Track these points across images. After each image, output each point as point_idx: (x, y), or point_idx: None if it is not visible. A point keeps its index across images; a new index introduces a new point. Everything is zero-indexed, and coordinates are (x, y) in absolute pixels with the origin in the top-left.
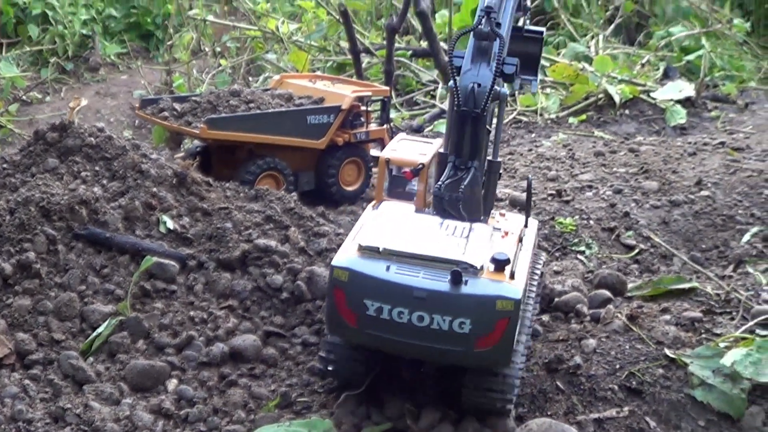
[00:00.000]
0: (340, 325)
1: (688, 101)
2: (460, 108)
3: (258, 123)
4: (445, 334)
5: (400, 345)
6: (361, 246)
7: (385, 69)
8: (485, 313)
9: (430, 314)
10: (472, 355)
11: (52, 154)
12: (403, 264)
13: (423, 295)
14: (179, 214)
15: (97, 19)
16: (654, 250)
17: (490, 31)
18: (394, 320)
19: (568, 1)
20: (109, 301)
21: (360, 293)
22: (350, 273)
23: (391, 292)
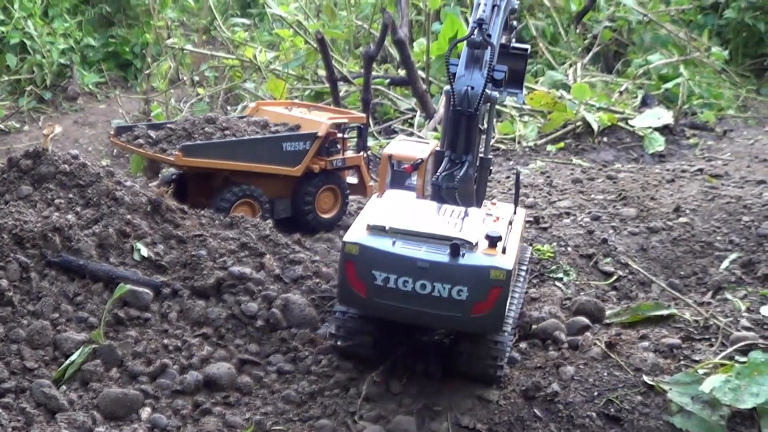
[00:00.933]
0: (351, 296)
1: (667, 129)
2: (455, 108)
3: (233, 150)
4: (445, 301)
5: (405, 312)
6: (369, 225)
7: (362, 97)
8: (480, 281)
9: (432, 282)
10: (468, 320)
11: (25, 181)
12: (406, 240)
13: (425, 266)
14: (153, 241)
15: (76, 49)
16: (632, 277)
17: (482, 40)
18: (399, 289)
19: (546, 30)
20: (83, 329)
21: (369, 265)
22: (360, 247)
23: (397, 263)
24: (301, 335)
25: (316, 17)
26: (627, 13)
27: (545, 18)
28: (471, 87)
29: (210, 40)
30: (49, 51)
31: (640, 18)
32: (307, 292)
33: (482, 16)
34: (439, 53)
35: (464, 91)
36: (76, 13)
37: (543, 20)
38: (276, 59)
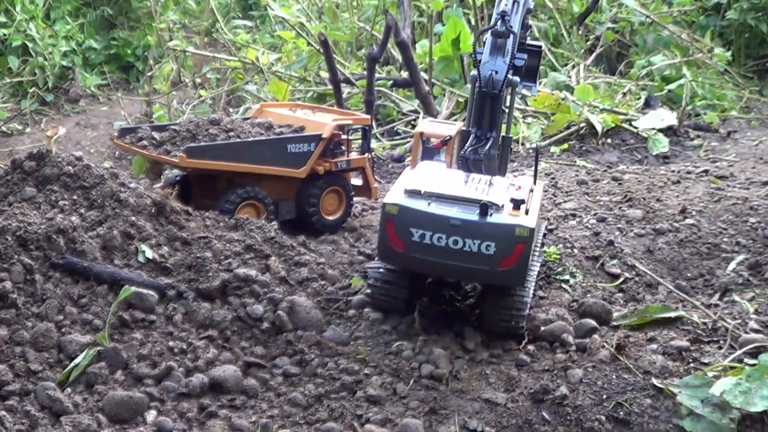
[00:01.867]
0: (390, 252)
1: (670, 130)
2: (482, 90)
3: (238, 152)
4: (474, 255)
5: (438, 266)
6: (407, 189)
7: (365, 99)
8: (506, 238)
9: (463, 239)
10: (495, 273)
11: (29, 183)
12: (440, 202)
13: (458, 223)
14: (158, 243)
15: (77, 51)
16: (639, 279)
17: (505, 30)
18: (434, 244)
19: (549, 31)
20: (87, 331)
21: (407, 223)
22: (399, 207)
23: (432, 221)
24: (307, 338)
25: (318, 19)
26: (629, 15)
27: (548, 19)
28: (495, 72)
29: (211, 42)
30: (51, 53)
31: (642, 19)
32: (312, 295)
33: (504, 9)
34: (441, 55)
35: (489, 75)
36: (77, 15)
37: (545, 22)
38: (278, 61)
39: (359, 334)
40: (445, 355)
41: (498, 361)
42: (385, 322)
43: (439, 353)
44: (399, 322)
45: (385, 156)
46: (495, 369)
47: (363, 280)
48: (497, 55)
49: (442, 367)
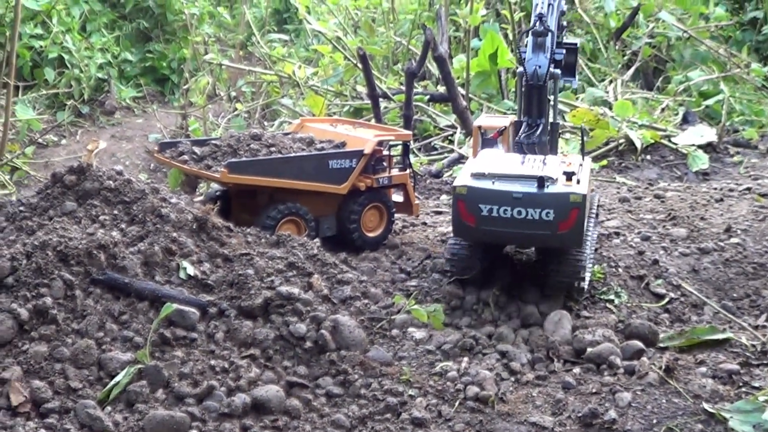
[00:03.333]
0: (464, 227)
1: (710, 146)
2: (528, 83)
3: (279, 167)
4: (536, 222)
5: (506, 235)
6: (472, 172)
7: (404, 113)
8: (562, 204)
9: (525, 208)
10: (555, 237)
11: (69, 197)
12: (502, 180)
13: (519, 196)
14: (199, 259)
15: (113, 63)
16: (684, 299)
17: (543, 29)
18: (501, 216)
19: (586, 46)
20: (128, 348)
21: (476, 200)
22: (467, 188)
23: (497, 196)
24: (351, 357)
25: (355, 33)
26: (666, 30)
27: (585, 34)
28: (538, 66)
29: (246, 56)
30: (86, 65)
31: (679, 34)
32: (355, 313)
33: (541, 12)
34: (479, 70)
35: (534, 69)
36: (113, 27)
37: (582, 36)
38: (314, 75)
39: (403, 354)
40: (490, 376)
41: (544, 383)
42: (429, 341)
43: (484, 375)
44: (443, 341)
45: (422, 171)
46: (541, 391)
47: (405, 298)
48: (539, 52)
49: (487, 389)
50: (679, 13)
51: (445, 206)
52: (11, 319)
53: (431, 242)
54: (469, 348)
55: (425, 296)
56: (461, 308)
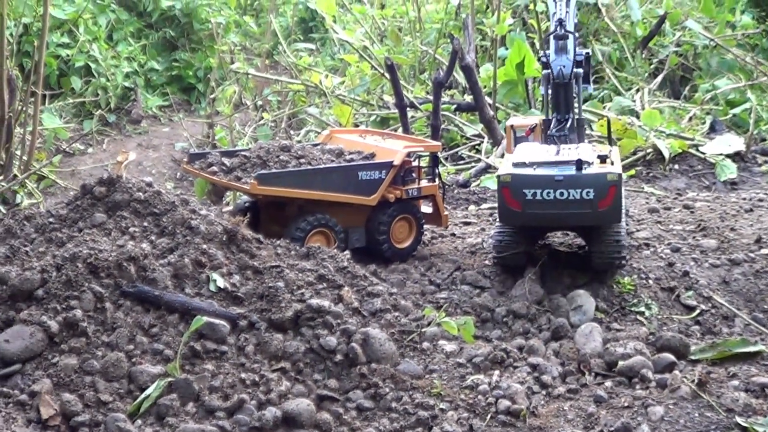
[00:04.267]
0: (510, 213)
1: (738, 155)
2: (555, 82)
3: (309, 179)
4: (577, 202)
5: (550, 216)
6: (514, 162)
7: (431, 123)
8: (600, 183)
9: (567, 190)
10: (596, 214)
11: (99, 208)
12: (542, 166)
13: (561, 179)
14: (229, 272)
15: (140, 72)
16: (715, 311)
17: (564, 32)
18: (544, 199)
19: (613, 55)
20: (158, 361)
21: (520, 186)
22: (511, 176)
23: (540, 181)
24: (381, 371)
25: (381, 42)
26: (693, 38)
27: (611, 43)
28: (563, 66)
29: (272, 65)
30: (113, 74)
31: (706, 42)
32: (386, 326)
33: (561, 17)
34: (506, 79)
35: (559, 69)
36: (140, 36)
37: (609, 45)
38: (341, 84)
39: (434, 367)
40: (521, 389)
41: (576, 396)
42: (460, 354)
43: (515, 388)
44: (474, 354)
45: (449, 181)
46: (573, 405)
47: (435, 310)
48: (562, 53)
49: (519, 403)
50: (706, 21)
51: (474, 217)
52: (41, 331)
53: (461, 253)
54: (500, 361)
55: (455, 308)
56: (492, 320)
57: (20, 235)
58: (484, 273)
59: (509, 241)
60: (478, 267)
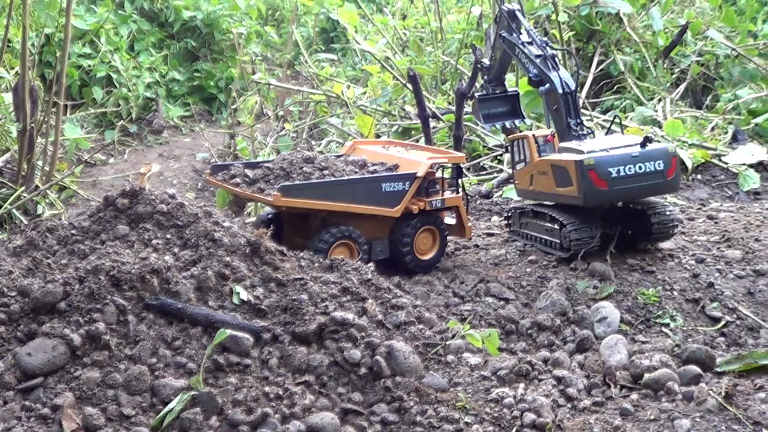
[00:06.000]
0: (597, 192)
1: (760, 165)
2: (564, 93)
3: (332, 190)
4: (652, 174)
5: (633, 190)
6: (586, 151)
7: (454, 134)
8: (666, 156)
9: (644, 163)
10: (666, 182)
11: (122, 220)
12: (612, 149)
13: (636, 155)
14: (253, 284)
15: (161, 83)
16: (740, 322)
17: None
18: (627, 174)
19: (634, 65)
20: (181, 374)
21: (606, 166)
22: (594, 159)
23: (621, 159)
24: (406, 384)
25: (403, 53)
26: (714, 48)
27: (633, 53)
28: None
29: (294, 75)
30: (134, 84)
31: (727, 52)
32: (410, 339)
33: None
34: (527, 89)
35: (561, 81)
36: (161, 47)
37: (631, 55)
38: (363, 94)
39: (458, 380)
40: (547, 402)
41: (601, 409)
42: (484, 367)
43: (541, 401)
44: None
45: (472, 192)
46: (599, 418)
47: (460, 323)
48: (555, 69)
49: (544, 416)
50: (727, 30)
51: (497, 228)
52: (64, 344)
53: (484, 265)
54: (525, 373)
55: (480, 320)
56: (516, 332)
57: (42, 247)
58: (509, 285)
59: (586, 233)
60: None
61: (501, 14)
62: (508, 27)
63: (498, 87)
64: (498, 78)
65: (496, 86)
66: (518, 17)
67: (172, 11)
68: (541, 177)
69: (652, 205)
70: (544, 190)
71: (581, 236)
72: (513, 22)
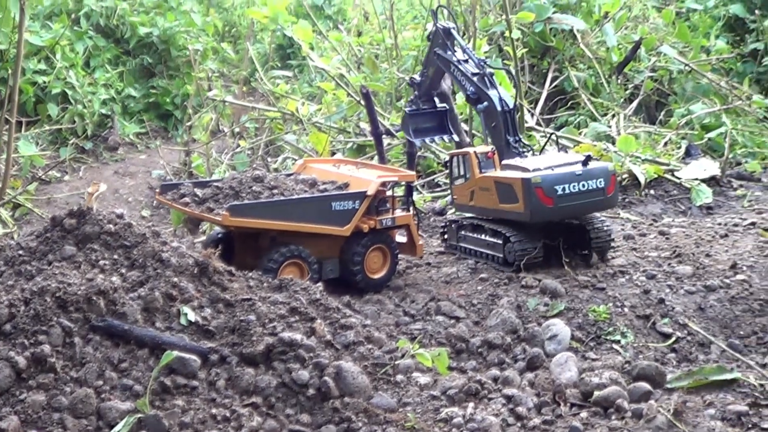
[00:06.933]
0: (543, 209)
1: (713, 180)
2: (504, 111)
3: (282, 210)
4: (594, 191)
5: (576, 207)
6: (531, 168)
7: (407, 151)
8: (606, 174)
9: (586, 181)
10: (606, 199)
11: (69, 241)
12: (555, 167)
13: (580, 173)
14: (201, 305)
15: (117, 99)
16: (691, 338)
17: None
18: (571, 192)
19: (588, 81)
20: (127, 397)
21: (552, 184)
22: (541, 177)
23: (566, 177)
24: (354, 404)
25: (358, 69)
26: (668, 63)
27: (587, 69)
28: (500, 98)
29: (250, 92)
30: (90, 101)
31: (680, 67)
32: (359, 359)
33: (479, 57)
34: None
35: (500, 99)
36: (117, 63)
37: (584, 71)
38: (318, 112)
39: (408, 400)
40: (496, 422)
41: (551, 428)
42: (434, 387)
43: (490, 421)
44: (448, 386)
45: (426, 209)
46: None
47: (410, 342)
48: (491, 87)
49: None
50: (681, 46)
51: None
52: (8, 367)
53: (435, 283)
54: (475, 393)
55: (430, 339)
56: (467, 351)
57: None
58: (460, 303)
59: (529, 246)
60: (453, 297)
61: (436, 31)
62: (443, 44)
63: (427, 103)
64: (428, 94)
65: (425, 102)
66: (453, 35)
67: (128, 27)
68: (483, 193)
69: (589, 220)
70: (486, 205)
71: (525, 248)
72: (448, 40)
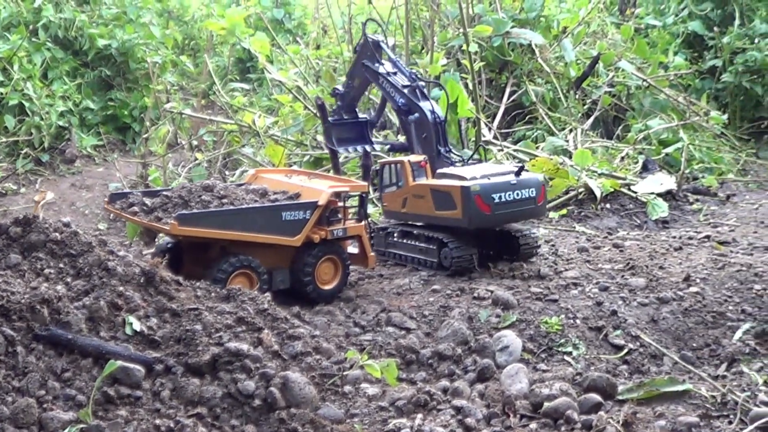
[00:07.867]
0: (480, 216)
1: (669, 194)
2: (435, 122)
3: (231, 219)
4: (527, 200)
5: (511, 214)
6: (467, 178)
7: (362, 163)
8: (537, 184)
9: (520, 190)
10: (537, 208)
11: (14, 249)
12: (491, 177)
13: (514, 182)
14: (146, 314)
15: (74, 111)
16: (643, 350)
17: (419, 84)
18: (507, 200)
19: (546, 95)
20: (70, 407)
21: (489, 192)
22: (479, 185)
23: (502, 186)
24: (301, 415)
25: (316, 83)
26: (626, 79)
27: (544, 84)
28: (431, 110)
29: (209, 105)
30: (47, 113)
31: (639, 83)
32: (306, 370)
33: (411, 71)
34: None
35: (432, 111)
36: (75, 75)
37: (542, 86)
38: (275, 124)
39: (355, 411)
40: None
41: None
42: (382, 398)
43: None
44: (397, 397)
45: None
46: None
47: (359, 353)
48: (423, 99)
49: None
50: (639, 62)
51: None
52: None
53: (387, 294)
54: (424, 404)
55: (380, 350)
56: (417, 362)
57: None
58: (411, 314)
59: (466, 253)
60: (405, 308)
61: (365, 43)
62: (371, 56)
63: (349, 113)
64: (351, 105)
65: (347, 112)
66: (382, 47)
67: (86, 39)
68: (416, 200)
69: (518, 228)
70: (420, 212)
71: (462, 254)
72: (377, 52)
